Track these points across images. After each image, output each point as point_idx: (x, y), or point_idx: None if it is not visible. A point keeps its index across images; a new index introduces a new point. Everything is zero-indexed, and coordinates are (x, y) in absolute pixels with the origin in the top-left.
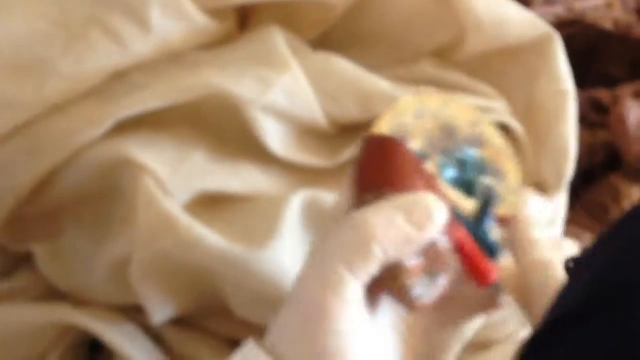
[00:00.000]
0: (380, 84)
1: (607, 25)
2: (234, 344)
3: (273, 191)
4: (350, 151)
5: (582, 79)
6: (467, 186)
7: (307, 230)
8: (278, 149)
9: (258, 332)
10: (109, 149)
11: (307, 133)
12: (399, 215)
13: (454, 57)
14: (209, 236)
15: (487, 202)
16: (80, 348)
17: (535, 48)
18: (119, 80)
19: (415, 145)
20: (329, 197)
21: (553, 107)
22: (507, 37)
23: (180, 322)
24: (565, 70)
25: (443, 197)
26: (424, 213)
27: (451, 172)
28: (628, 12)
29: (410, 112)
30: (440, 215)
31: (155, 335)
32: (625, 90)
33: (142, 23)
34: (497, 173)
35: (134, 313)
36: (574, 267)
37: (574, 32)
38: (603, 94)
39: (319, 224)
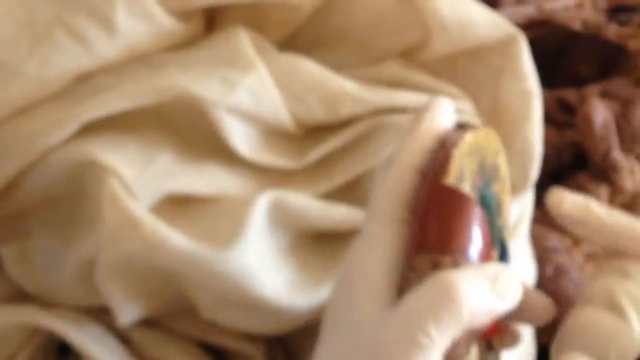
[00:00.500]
0: (346, 84)
1: (576, 25)
2: (202, 345)
3: (239, 192)
4: (317, 152)
5: (552, 79)
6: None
7: (274, 231)
8: (244, 150)
9: (224, 333)
10: (75, 151)
11: (273, 134)
12: (486, 284)
13: (420, 57)
14: (174, 237)
15: (503, 249)
16: (48, 350)
17: (500, 48)
18: (84, 82)
19: (466, 188)
20: (296, 198)
21: (518, 107)
22: (472, 37)
23: (148, 323)
24: (530, 70)
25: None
26: (507, 284)
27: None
28: (598, 12)
29: (467, 150)
30: (519, 288)
31: (123, 337)
32: (592, 90)
33: (107, 24)
34: (498, 208)
35: (101, 314)
36: None
37: (543, 33)
38: (570, 94)
39: (285, 224)
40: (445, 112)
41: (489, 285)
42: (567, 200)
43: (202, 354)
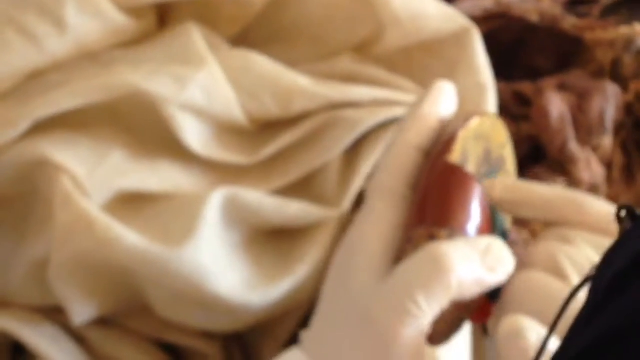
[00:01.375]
0: (299, 80)
1: (533, 17)
2: (159, 343)
3: (193, 189)
4: (271, 148)
5: (509, 72)
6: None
7: (228, 228)
8: (197, 146)
9: (180, 331)
10: (26, 150)
11: (227, 130)
12: (476, 256)
13: (374, 51)
14: (127, 235)
15: (505, 238)
16: (2, 350)
17: (455, 41)
18: (34, 80)
19: (469, 168)
20: (249, 194)
21: (472, 100)
22: (425, 31)
23: (103, 322)
24: (484, 63)
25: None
26: (499, 257)
27: None
28: (557, 4)
29: (473, 134)
30: (510, 262)
31: (77, 336)
32: (548, 83)
33: (57, 22)
34: None
35: (55, 314)
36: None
37: (500, 25)
38: (526, 87)
39: (240, 221)
40: (448, 95)
41: (479, 258)
42: (496, 185)
43: (159, 353)
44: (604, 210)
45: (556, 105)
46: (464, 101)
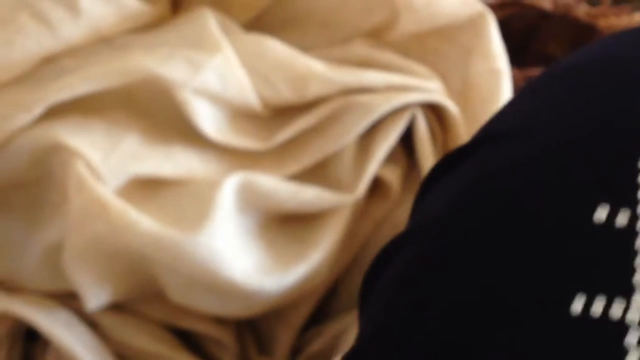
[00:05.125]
0: (314, 65)
1: (546, 5)
2: (172, 329)
3: (207, 174)
4: (285, 133)
5: (522, 59)
6: None
7: (242, 213)
8: (211, 131)
9: (193, 317)
10: (40, 135)
11: (241, 115)
12: None
13: (388, 37)
14: (142, 220)
15: None
16: (16, 336)
17: (469, 27)
18: (49, 64)
19: None
20: (264, 179)
21: (487, 86)
22: (440, 16)
23: (116, 307)
24: (499, 49)
25: None
26: None
27: None
28: None
29: None
30: None
31: (90, 322)
32: None
33: (71, 6)
34: None
35: (68, 299)
36: None
37: (513, 12)
38: (539, 73)
39: (254, 206)
40: None
41: None
42: None
43: (171, 338)
44: None
45: None
46: (478, 88)
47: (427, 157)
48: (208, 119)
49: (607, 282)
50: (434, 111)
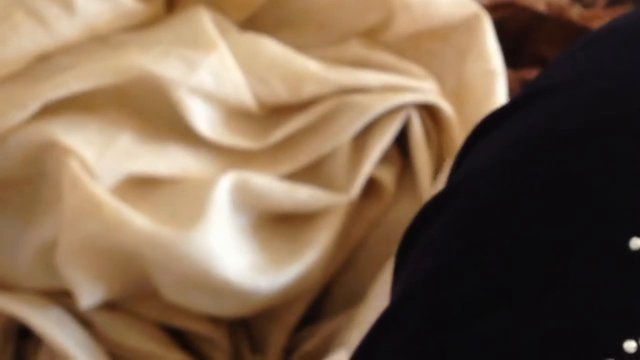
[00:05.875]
0: (309, 64)
1: (540, 7)
2: (165, 328)
3: (202, 173)
4: (280, 133)
5: (516, 60)
6: None
7: (236, 212)
8: (206, 130)
9: (187, 316)
10: (35, 132)
11: (236, 114)
12: None
13: (384, 37)
14: (136, 219)
15: None
16: (9, 334)
17: (464, 28)
18: (44, 62)
19: None
20: (259, 178)
21: (482, 86)
22: (435, 16)
23: (110, 306)
24: (494, 50)
25: None
26: None
27: None
28: None
29: None
30: None
31: (84, 320)
32: None
33: (67, 4)
34: None
35: (62, 297)
36: None
37: (507, 14)
38: (533, 74)
39: (249, 205)
40: None
41: None
42: None
43: (165, 337)
44: None
45: None
46: (473, 88)
47: (422, 158)
48: (203, 118)
49: None
50: (429, 111)
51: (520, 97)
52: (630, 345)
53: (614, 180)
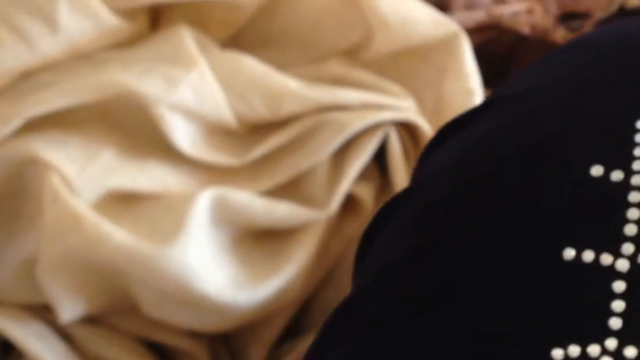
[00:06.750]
0: (289, 82)
1: (525, 29)
2: (146, 342)
3: (182, 189)
4: (260, 150)
5: (500, 82)
6: None
7: (216, 228)
8: (186, 147)
9: (167, 331)
10: (17, 148)
11: (216, 131)
12: None
13: (363, 56)
14: (116, 233)
15: None
16: None
17: (443, 47)
18: (26, 79)
19: None
20: (238, 194)
21: (460, 105)
22: (414, 35)
23: (91, 320)
24: (472, 69)
25: None
26: None
27: None
28: (549, 17)
29: None
30: None
31: (65, 335)
32: None
33: (50, 22)
34: None
35: (43, 312)
36: None
37: (492, 36)
38: None
39: (228, 221)
40: None
41: None
42: None
43: (146, 352)
44: None
45: None
46: (451, 107)
47: (400, 175)
48: (183, 134)
49: (598, 232)
50: (407, 129)
51: (481, 105)
52: (558, 353)
53: (552, 191)
